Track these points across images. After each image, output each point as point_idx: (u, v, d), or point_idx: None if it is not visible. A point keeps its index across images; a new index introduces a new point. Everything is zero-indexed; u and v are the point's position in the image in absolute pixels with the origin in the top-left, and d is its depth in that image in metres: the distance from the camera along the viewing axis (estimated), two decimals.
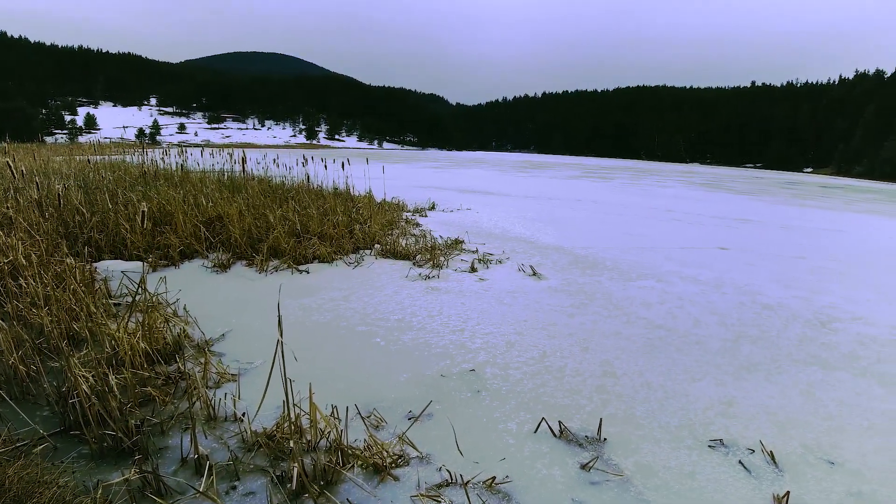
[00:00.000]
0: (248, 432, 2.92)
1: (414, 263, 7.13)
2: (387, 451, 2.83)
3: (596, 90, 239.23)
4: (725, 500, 2.70)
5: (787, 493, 2.72)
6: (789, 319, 5.74)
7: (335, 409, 3.13)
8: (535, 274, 6.93)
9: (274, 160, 16.07)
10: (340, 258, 7.20)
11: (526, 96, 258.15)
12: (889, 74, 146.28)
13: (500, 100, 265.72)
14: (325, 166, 13.01)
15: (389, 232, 8.93)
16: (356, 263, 6.98)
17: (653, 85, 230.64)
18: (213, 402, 3.17)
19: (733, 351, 4.70)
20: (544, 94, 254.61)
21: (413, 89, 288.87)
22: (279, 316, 2.66)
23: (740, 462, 3.03)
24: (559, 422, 3.23)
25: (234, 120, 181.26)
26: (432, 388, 3.66)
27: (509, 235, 9.78)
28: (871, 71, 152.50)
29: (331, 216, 8.56)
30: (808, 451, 3.18)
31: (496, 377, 3.88)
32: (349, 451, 2.80)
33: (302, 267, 6.68)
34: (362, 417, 3.12)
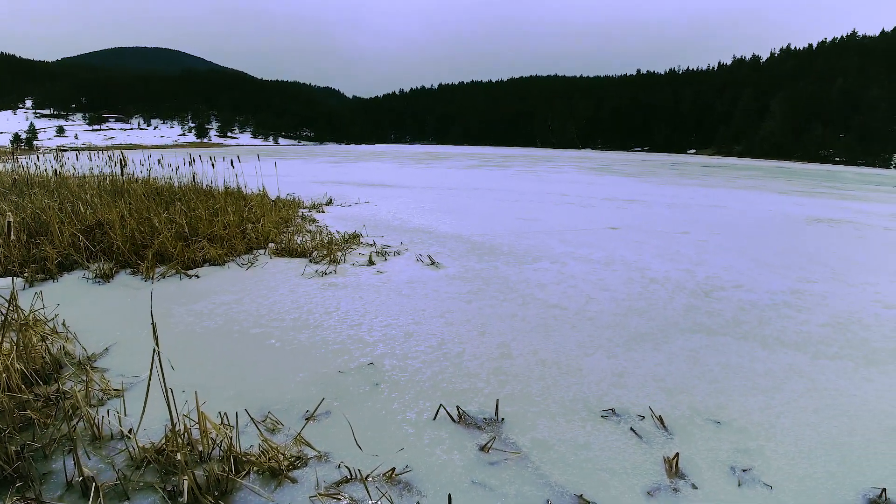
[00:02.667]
0: (136, 448, 2.76)
1: (310, 260, 6.97)
2: (283, 454, 2.75)
3: (491, 80, 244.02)
4: (618, 466, 2.80)
5: (677, 454, 2.84)
6: (675, 291, 6.05)
7: (225, 417, 3.01)
8: (433, 263, 6.95)
9: (158, 160, 15.31)
10: (232, 260, 6.94)
11: (423, 88, 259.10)
12: (764, 59, 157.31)
13: (397, 92, 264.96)
14: (213, 165, 12.53)
15: (284, 230, 8.70)
16: (249, 264, 6.75)
17: (545, 74, 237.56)
18: (96, 420, 2.98)
19: (623, 324, 4.90)
20: (441, 85, 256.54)
21: (308, 83, 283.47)
22: (153, 324, 2.52)
23: (632, 429, 3.15)
24: (457, 407, 3.25)
25: (118, 120, 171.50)
26: (330, 385, 3.59)
27: (408, 227, 9.77)
28: (748, 56, 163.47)
29: (221, 216, 8.24)
30: (695, 414, 3.35)
31: (395, 368, 3.86)
32: (243, 458, 2.70)
33: (191, 271, 6.39)
34: (255, 422, 3.01)
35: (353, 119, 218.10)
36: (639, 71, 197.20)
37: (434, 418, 3.19)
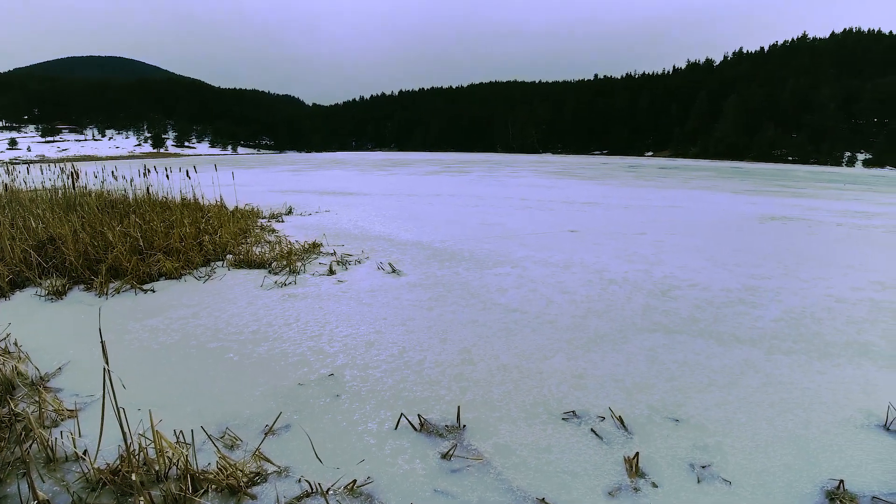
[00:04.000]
0: (92, 470, 2.68)
1: (269, 271, 6.88)
2: (242, 471, 2.70)
3: (451, 86, 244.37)
4: (579, 468, 2.82)
5: (637, 453, 2.87)
6: (633, 291, 6.14)
7: (181, 434, 2.94)
8: (394, 271, 6.93)
9: (112, 172, 14.97)
10: (189, 273, 6.80)
11: (383, 94, 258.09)
12: (718, 63, 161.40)
13: (357, 99, 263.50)
14: (168, 175, 12.29)
15: (243, 241, 8.57)
16: (206, 277, 6.63)
17: (505, 80, 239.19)
18: (50, 442, 2.89)
19: (583, 326, 4.95)
20: (401, 91, 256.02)
21: (267, 91, 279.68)
22: (102, 343, 2.45)
23: (592, 430, 3.17)
24: (419, 415, 3.24)
25: (72, 131, 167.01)
26: (290, 398, 3.54)
27: (369, 235, 9.71)
28: (702, 60, 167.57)
29: (177, 229, 8.09)
30: (654, 412, 3.40)
31: (355, 379, 3.82)
32: (200, 477, 2.64)
33: (146, 286, 6.24)
34: (212, 439, 2.95)
35: (313, 126, 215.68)
36: (596, 75, 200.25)
37: (395, 428, 3.17)
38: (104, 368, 2.38)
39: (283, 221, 11.33)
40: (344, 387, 3.70)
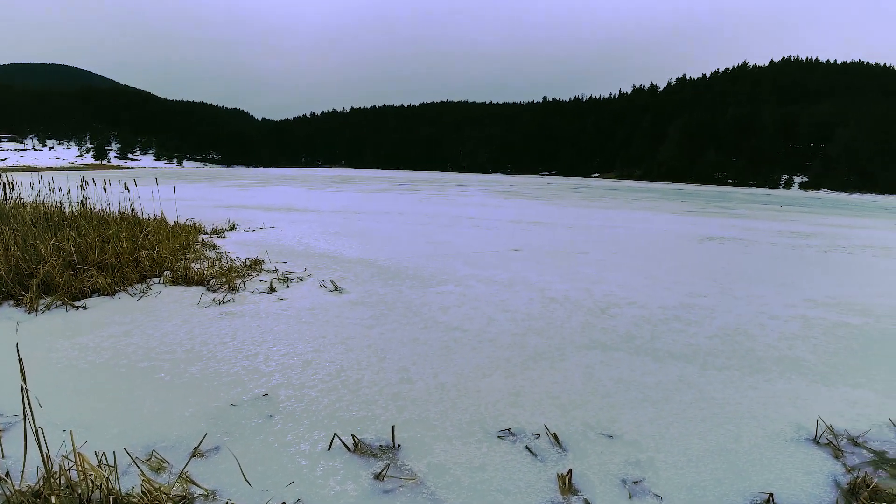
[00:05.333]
0: (13, 492, 2.54)
1: (208, 288, 6.71)
2: (166, 494, 2.60)
3: (403, 105, 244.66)
4: (513, 486, 2.81)
5: (570, 470, 2.89)
6: (573, 309, 6.22)
7: (104, 457, 2.82)
8: (336, 289, 6.85)
9: (49, 183, 14.43)
10: (124, 289, 6.58)
11: (334, 111, 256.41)
12: (662, 88, 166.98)
13: (308, 115, 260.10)
14: (105, 188, 11.90)
15: (182, 257, 8.36)
16: (142, 294, 6.43)
17: (456, 100, 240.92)
18: None
19: (522, 344, 4.98)
20: (353, 108, 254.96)
21: (215, 104, 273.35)
22: (19, 360, 2.34)
23: (527, 448, 3.18)
24: (353, 435, 3.19)
25: (12, 140, 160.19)
26: (220, 419, 3.43)
27: (313, 252, 9.59)
28: (647, 85, 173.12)
29: (113, 243, 7.82)
30: (588, 429, 3.43)
31: (290, 399, 3.74)
32: (124, 501, 2.54)
33: (78, 302, 6.01)
34: (135, 461, 2.84)
35: (262, 141, 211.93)
36: (545, 98, 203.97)
37: (329, 448, 3.11)
38: (22, 387, 2.28)
39: (225, 237, 11.10)
40: (278, 407, 3.62)
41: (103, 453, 2.85)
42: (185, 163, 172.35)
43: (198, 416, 3.48)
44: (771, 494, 2.78)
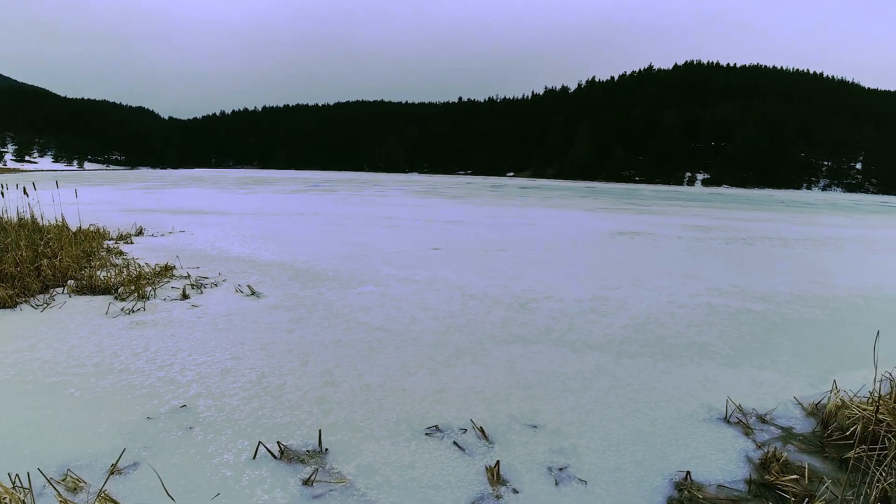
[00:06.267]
0: None
1: (116, 297, 6.39)
2: None
3: (318, 104, 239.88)
4: (442, 482, 2.84)
5: (497, 462, 2.96)
6: (493, 305, 6.33)
7: (18, 478, 2.65)
8: (253, 293, 6.67)
9: None
10: (25, 301, 6.19)
11: (246, 110, 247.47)
12: (573, 90, 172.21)
13: (218, 113, 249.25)
14: (2, 193, 11.13)
15: (87, 265, 7.93)
16: (45, 305, 6.05)
17: (372, 100, 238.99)
18: None
19: (445, 341, 5.03)
20: (265, 107, 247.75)
21: (119, 102, 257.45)
22: None
23: (455, 443, 3.22)
24: (278, 442, 3.12)
25: None
26: (137, 433, 3.28)
27: (227, 256, 9.32)
28: (558, 87, 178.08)
29: (12, 252, 7.33)
30: (513, 421, 3.50)
31: (210, 408, 3.61)
32: None
33: None
34: (50, 482, 2.68)
35: (169, 141, 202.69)
36: (461, 99, 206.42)
37: (254, 457, 3.03)
38: None
39: (132, 243, 10.59)
40: (197, 418, 3.49)
41: (16, 475, 2.68)
42: (87, 165, 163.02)
43: (113, 431, 3.31)
44: (688, 472, 2.93)
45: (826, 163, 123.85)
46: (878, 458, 2.83)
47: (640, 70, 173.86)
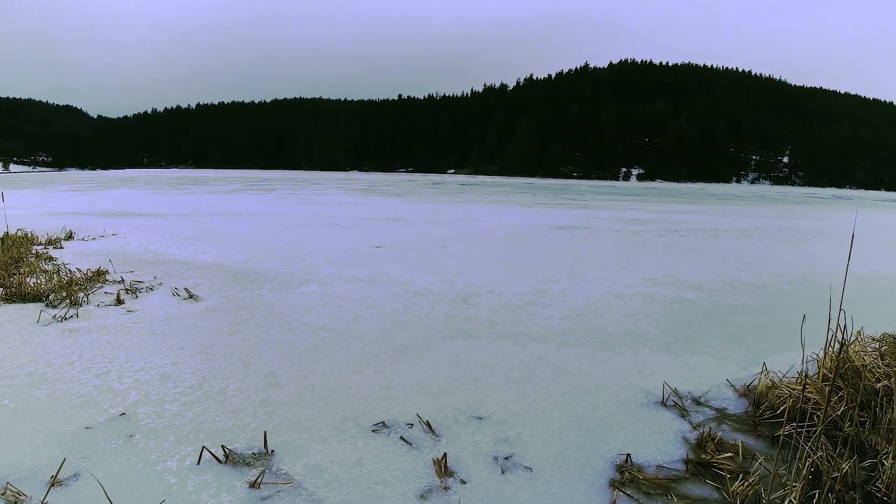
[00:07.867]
0: None
1: (47, 304, 6.16)
2: None
3: (253, 101, 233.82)
4: (391, 477, 2.86)
5: (444, 454, 3.01)
6: (436, 301, 6.40)
7: None
8: (191, 296, 6.53)
9: None
10: None
11: (179, 108, 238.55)
12: (511, 88, 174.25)
13: (149, 111, 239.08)
14: None
15: (15, 271, 7.60)
16: None
17: (310, 97, 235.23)
18: None
19: (389, 339, 5.07)
20: (199, 105, 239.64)
21: (44, 100, 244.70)
22: None
23: (402, 438, 3.25)
24: (223, 446, 3.08)
25: None
26: (76, 443, 3.18)
27: (162, 259, 9.07)
28: (497, 84, 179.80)
29: None
30: (459, 413, 3.57)
31: (150, 415, 3.53)
32: None
33: None
34: None
35: (98, 141, 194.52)
36: (400, 96, 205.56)
37: (198, 462, 2.98)
38: None
39: (62, 248, 10.20)
40: (137, 425, 3.41)
41: None
42: (12, 167, 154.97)
43: (51, 442, 3.21)
44: (629, 455, 3.07)
45: (755, 157, 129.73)
46: (807, 434, 3.00)
47: (576, 68, 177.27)
